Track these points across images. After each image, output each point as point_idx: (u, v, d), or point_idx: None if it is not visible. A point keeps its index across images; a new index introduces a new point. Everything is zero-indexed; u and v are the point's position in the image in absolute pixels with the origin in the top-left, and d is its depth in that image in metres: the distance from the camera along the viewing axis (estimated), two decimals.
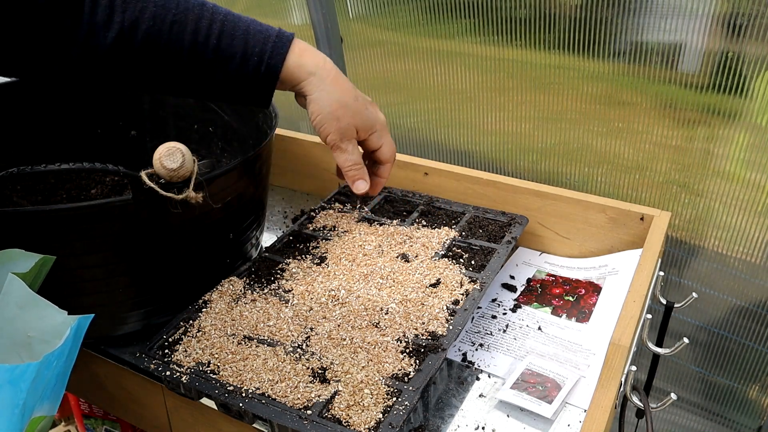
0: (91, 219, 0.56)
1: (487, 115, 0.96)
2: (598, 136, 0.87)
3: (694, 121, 0.79)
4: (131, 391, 0.69)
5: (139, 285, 0.63)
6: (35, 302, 0.42)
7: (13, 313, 0.42)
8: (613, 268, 0.74)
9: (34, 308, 0.42)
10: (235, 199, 0.66)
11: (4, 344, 0.42)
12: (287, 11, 1.10)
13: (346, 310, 0.63)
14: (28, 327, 0.42)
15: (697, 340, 0.93)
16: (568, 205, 0.77)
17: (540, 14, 0.82)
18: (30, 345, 0.42)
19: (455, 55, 0.93)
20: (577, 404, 0.59)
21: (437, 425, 0.58)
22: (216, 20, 0.59)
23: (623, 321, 0.59)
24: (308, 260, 0.71)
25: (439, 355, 0.57)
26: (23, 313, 0.42)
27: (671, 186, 0.85)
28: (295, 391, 0.55)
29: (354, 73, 1.07)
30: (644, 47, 0.78)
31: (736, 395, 0.95)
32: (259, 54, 0.60)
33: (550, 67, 0.86)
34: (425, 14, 0.93)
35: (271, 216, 0.94)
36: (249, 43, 0.59)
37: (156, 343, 0.61)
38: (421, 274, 0.68)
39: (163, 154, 0.56)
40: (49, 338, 0.41)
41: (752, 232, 0.81)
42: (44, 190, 0.82)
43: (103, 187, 0.85)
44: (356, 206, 0.80)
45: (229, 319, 0.63)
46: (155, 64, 0.58)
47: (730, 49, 0.72)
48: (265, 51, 0.60)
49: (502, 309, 0.72)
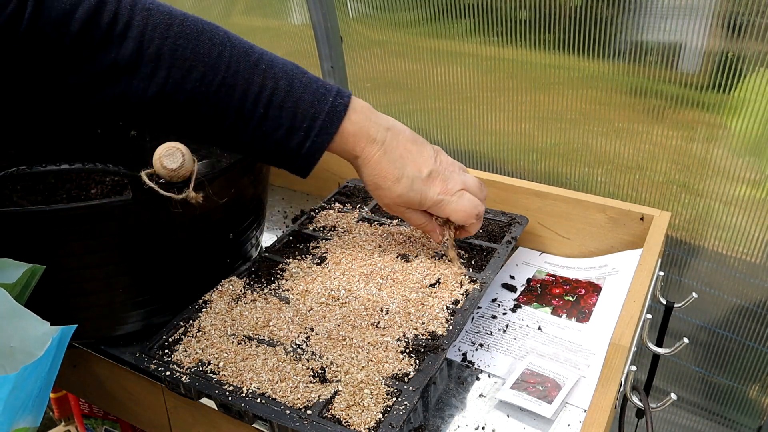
0: (91, 219, 0.56)
1: (487, 115, 0.96)
2: (598, 136, 0.87)
3: (694, 121, 0.79)
4: (131, 391, 0.69)
5: (139, 285, 0.63)
6: (19, 313, 0.42)
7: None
8: (613, 268, 0.74)
9: (17, 319, 0.41)
10: (235, 199, 0.66)
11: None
12: (287, 11, 1.10)
13: (346, 310, 0.63)
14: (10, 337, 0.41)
15: (697, 340, 0.93)
16: (568, 205, 0.77)
17: (540, 14, 0.82)
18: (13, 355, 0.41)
19: (455, 55, 0.93)
20: (577, 404, 0.59)
21: (437, 425, 0.58)
22: (267, 87, 0.55)
23: (623, 321, 0.59)
24: (308, 260, 0.71)
25: (439, 355, 0.57)
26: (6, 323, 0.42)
27: (671, 186, 0.85)
28: (295, 391, 0.55)
29: (354, 73, 1.07)
30: (644, 47, 0.78)
31: (736, 395, 0.95)
32: (306, 130, 0.57)
33: (550, 67, 0.86)
34: (425, 14, 0.93)
35: (271, 216, 0.94)
36: (297, 116, 0.57)
37: (156, 343, 0.61)
38: (421, 274, 0.68)
39: (163, 154, 0.56)
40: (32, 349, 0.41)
41: (752, 232, 0.82)
42: (44, 190, 0.82)
43: (103, 187, 0.85)
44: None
45: (229, 319, 0.63)
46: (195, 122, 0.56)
47: (730, 49, 0.72)
48: (313, 128, 0.58)
49: (502, 309, 0.72)
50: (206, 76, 0.54)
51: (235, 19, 1.19)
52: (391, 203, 0.64)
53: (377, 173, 0.62)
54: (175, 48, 0.53)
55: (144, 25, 0.52)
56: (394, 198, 0.63)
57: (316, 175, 0.98)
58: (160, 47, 0.52)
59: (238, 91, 0.55)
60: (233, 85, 0.55)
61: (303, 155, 0.59)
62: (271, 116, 0.56)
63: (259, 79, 0.55)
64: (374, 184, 0.62)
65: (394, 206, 0.64)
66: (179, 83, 0.53)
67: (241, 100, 0.55)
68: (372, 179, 0.62)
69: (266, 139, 0.57)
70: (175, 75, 0.53)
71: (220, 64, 0.54)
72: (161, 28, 0.52)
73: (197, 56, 0.53)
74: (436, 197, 0.63)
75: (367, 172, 0.62)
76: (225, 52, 0.54)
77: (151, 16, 0.52)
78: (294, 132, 0.57)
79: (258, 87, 0.55)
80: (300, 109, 0.57)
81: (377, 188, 0.63)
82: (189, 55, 0.53)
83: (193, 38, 0.53)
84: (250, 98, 0.55)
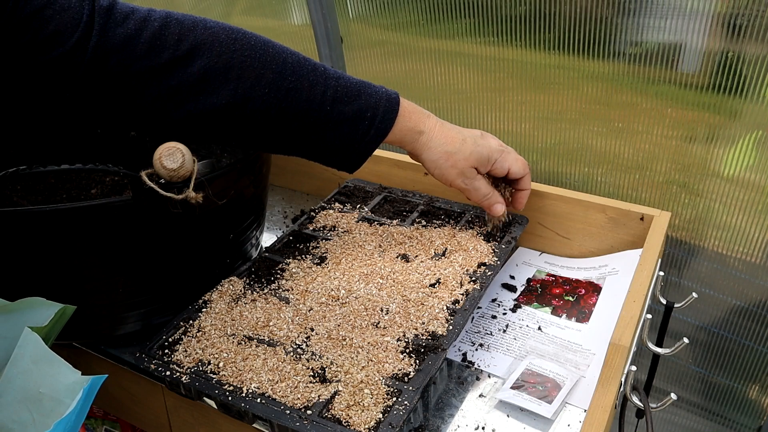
0: (91, 219, 0.56)
1: (487, 115, 0.96)
2: (598, 136, 0.87)
3: (694, 121, 0.79)
4: (131, 391, 0.69)
5: (139, 285, 0.63)
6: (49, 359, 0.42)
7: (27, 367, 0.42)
8: (613, 268, 0.74)
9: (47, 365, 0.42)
10: (235, 199, 0.66)
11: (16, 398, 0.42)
12: (287, 11, 1.10)
13: (346, 310, 0.63)
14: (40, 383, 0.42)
15: (697, 340, 0.93)
16: (568, 205, 0.77)
17: (540, 14, 0.82)
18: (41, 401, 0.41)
19: (455, 55, 0.93)
20: (577, 404, 0.59)
21: (437, 425, 0.58)
22: (329, 86, 0.60)
23: (623, 321, 0.59)
24: (308, 260, 0.71)
25: (439, 355, 0.57)
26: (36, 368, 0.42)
27: (671, 186, 0.85)
28: (295, 391, 0.55)
29: (354, 73, 1.07)
30: (644, 47, 0.78)
31: (736, 395, 0.95)
32: (370, 118, 0.61)
33: (550, 67, 0.86)
34: (425, 14, 0.93)
35: (271, 216, 0.94)
36: (361, 107, 0.61)
37: (156, 343, 0.61)
38: (421, 274, 0.68)
39: (163, 154, 0.56)
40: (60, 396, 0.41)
41: (752, 232, 0.82)
42: (44, 190, 0.82)
43: (103, 187, 0.85)
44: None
45: (229, 319, 0.63)
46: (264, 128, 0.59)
47: (730, 49, 0.72)
48: (377, 115, 0.62)
49: (502, 309, 0.72)
50: (275, 82, 0.57)
51: (235, 19, 1.19)
52: (466, 166, 0.66)
53: (446, 140, 0.65)
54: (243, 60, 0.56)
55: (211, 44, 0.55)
56: (468, 157, 0.66)
57: (316, 175, 0.98)
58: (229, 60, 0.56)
59: (304, 93, 0.59)
60: (300, 89, 0.58)
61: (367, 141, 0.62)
62: (336, 112, 0.60)
63: (322, 80, 0.59)
64: (446, 153, 0.65)
65: (467, 170, 0.67)
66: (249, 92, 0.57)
67: (308, 101, 0.59)
68: (442, 148, 0.65)
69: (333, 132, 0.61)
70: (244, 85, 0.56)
71: (286, 70, 0.58)
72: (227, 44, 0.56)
73: (265, 65, 0.57)
74: (499, 147, 0.68)
75: (435, 144, 0.65)
76: (288, 59, 0.58)
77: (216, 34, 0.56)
78: (359, 121, 0.61)
79: (322, 87, 0.59)
80: (362, 100, 0.61)
81: (450, 156, 0.65)
82: (257, 65, 0.57)
83: (258, 49, 0.57)
84: (316, 98, 0.59)
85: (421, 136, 0.65)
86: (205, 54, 0.55)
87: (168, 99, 0.55)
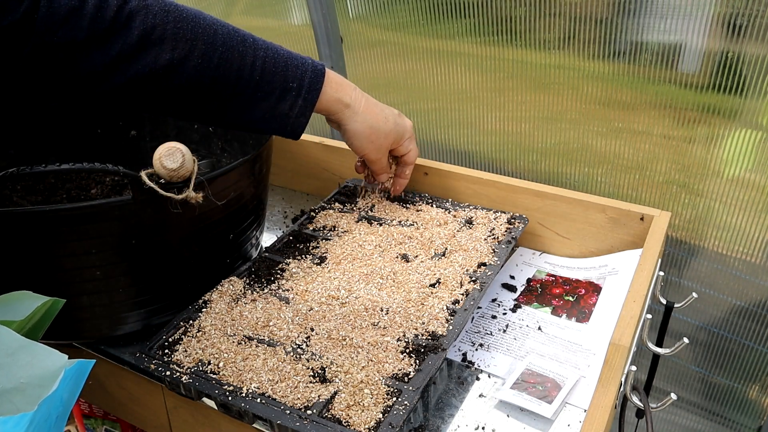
0: (91, 219, 0.56)
1: (487, 115, 0.96)
2: (598, 136, 0.87)
3: (694, 121, 0.79)
4: (131, 391, 0.69)
5: (139, 285, 0.63)
6: (27, 348, 0.41)
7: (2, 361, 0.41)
8: (613, 268, 0.74)
9: (26, 354, 0.41)
10: (235, 199, 0.66)
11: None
12: (287, 11, 1.10)
13: (346, 310, 0.63)
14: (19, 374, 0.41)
15: (697, 340, 0.93)
16: (568, 205, 0.77)
17: (540, 14, 0.82)
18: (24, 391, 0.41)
19: (455, 55, 0.93)
20: (577, 404, 0.59)
21: (437, 425, 0.58)
22: (258, 56, 0.62)
23: (623, 321, 0.59)
24: (308, 260, 0.71)
25: (439, 355, 0.57)
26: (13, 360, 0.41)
27: (671, 186, 0.85)
28: (295, 391, 0.55)
29: (354, 73, 1.07)
30: (644, 47, 0.78)
31: (736, 395, 0.95)
32: (296, 89, 0.64)
33: (550, 67, 0.86)
34: (425, 14, 0.93)
35: (271, 216, 0.94)
36: (288, 78, 0.63)
37: (156, 343, 0.61)
38: (421, 274, 0.68)
39: (163, 154, 0.56)
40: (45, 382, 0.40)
41: (752, 232, 0.82)
42: (44, 190, 0.82)
43: (103, 187, 0.85)
44: (364, 195, 0.83)
45: (229, 319, 0.63)
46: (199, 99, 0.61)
47: (730, 49, 0.72)
48: (303, 86, 0.64)
49: (502, 309, 0.72)
50: (206, 53, 0.59)
51: (235, 19, 1.19)
52: (384, 143, 0.72)
53: (370, 115, 0.69)
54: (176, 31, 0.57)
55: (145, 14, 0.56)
56: (387, 135, 0.71)
57: (316, 175, 0.98)
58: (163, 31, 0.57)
59: (235, 63, 0.60)
60: (230, 59, 0.60)
61: (297, 112, 0.65)
62: (265, 81, 0.62)
63: (251, 51, 0.61)
64: (369, 127, 0.70)
65: (384, 148, 0.73)
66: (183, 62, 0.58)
67: (238, 71, 0.60)
68: (367, 122, 0.69)
69: (263, 103, 0.63)
70: (178, 55, 0.57)
71: (216, 41, 0.59)
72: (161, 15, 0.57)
73: (197, 36, 0.58)
74: (411, 130, 0.75)
75: (361, 118, 0.69)
76: (219, 30, 0.60)
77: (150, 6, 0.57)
78: (287, 93, 0.63)
79: (251, 58, 0.61)
80: (289, 72, 0.63)
81: (373, 131, 0.70)
82: (189, 35, 0.58)
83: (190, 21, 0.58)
84: (246, 68, 0.61)
85: (347, 108, 0.68)
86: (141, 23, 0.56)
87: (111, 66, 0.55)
